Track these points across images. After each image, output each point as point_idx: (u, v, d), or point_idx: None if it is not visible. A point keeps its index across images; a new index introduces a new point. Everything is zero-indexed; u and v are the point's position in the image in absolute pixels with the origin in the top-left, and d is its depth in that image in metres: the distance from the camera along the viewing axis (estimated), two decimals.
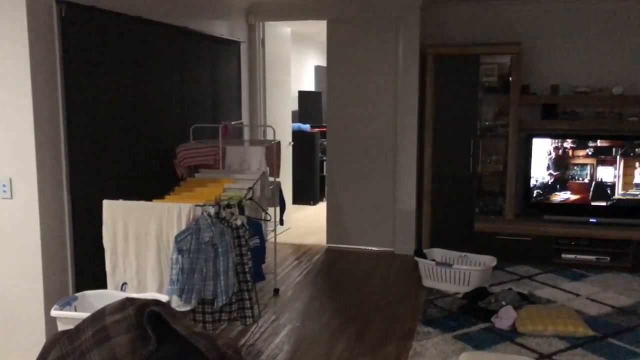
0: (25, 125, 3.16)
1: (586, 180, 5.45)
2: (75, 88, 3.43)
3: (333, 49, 5.88)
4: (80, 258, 3.52)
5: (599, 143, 5.38)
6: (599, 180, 5.42)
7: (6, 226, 3.26)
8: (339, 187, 6.01)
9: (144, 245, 3.34)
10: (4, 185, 3.22)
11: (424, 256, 4.89)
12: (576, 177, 5.46)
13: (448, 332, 3.85)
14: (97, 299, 3.02)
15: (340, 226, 6.05)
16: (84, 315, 2.50)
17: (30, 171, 3.19)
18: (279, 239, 6.13)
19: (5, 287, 3.32)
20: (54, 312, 2.79)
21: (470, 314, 4.13)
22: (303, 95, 8.77)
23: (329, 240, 6.11)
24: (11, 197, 3.23)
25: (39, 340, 3.22)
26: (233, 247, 3.38)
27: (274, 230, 4.82)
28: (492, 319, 3.98)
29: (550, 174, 5.51)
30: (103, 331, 1.24)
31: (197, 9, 4.90)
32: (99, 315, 1.36)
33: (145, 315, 1.33)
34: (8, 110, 3.17)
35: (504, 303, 4.15)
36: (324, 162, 7.22)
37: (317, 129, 8.22)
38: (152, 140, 4.26)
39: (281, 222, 4.83)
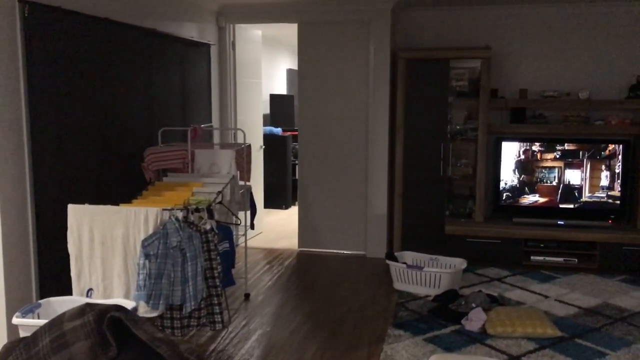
0: None
1: (554, 183, 5.53)
2: (39, 90, 3.35)
3: (304, 53, 5.87)
4: (45, 264, 3.44)
5: (566, 146, 5.47)
6: (567, 183, 5.50)
7: None
8: (310, 191, 6.00)
9: (110, 251, 3.27)
10: None
11: (395, 259, 4.90)
12: (544, 180, 5.54)
13: (419, 334, 3.85)
14: (61, 306, 2.95)
15: (312, 230, 6.04)
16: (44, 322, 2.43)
17: None
18: (250, 243, 6.08)
19: None
20: (16, 320, 2.71)
21: (440, 316, 4.15)
22: (274, 98, 8.74)
23: (300, 244, 6.09)
24: None
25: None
26: (202, 252, 3.33)
27: (245, 234, 4.77)
28: (463, 321, 4.00)
29: (519, 177, 5.58)
30: (61, 338, 1.19)
31: (166, 10, 4.84)
32: (57, 322, 1.31)
33: (106, 321, 1.29)
34: None
35: (474, 305, 4.18)
36: (296, 166, 7.20)
37: (288, 133, 8.20)
38: (120, 143, 4.19)
39: (252, 227, 4.79)
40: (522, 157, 5.52)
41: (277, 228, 7.03)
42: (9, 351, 1.20)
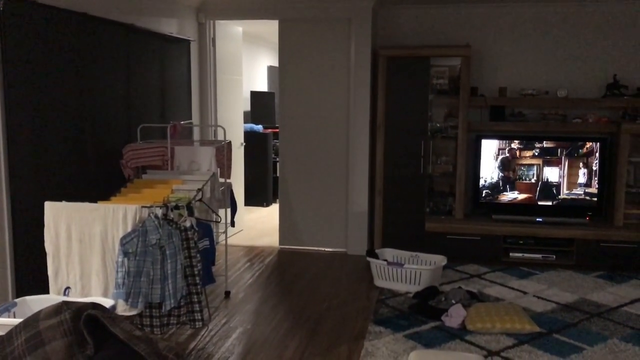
0: None
1: (533, 181, 5.58)
2: (15, 85, 3.30)
3: (285, 50, 5.86)
4: (21, 262, 3.39)
5: (544, 144, 5.53)
6: (545, 180, 5.56)
7: None
8: (291, 188, 5.98)
9: (88, 248, 3.23)
10: None
11: (375, 256, 4.91)
12: (523, 178, 5.59)
13: (399, 331, 3.87)
14: (37, 305, 2.90)
15: (292, 227, 6.03)
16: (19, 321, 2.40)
17: None
18: (231, 241, 6.05)
19: None
20: None
21: (420, 313, 4.17)
22: (255, 95, 8.70)
23: (281, 241, 6.07)
24: None
25: None
26: (181, 250, 3.31)
27: (225, 232, 4.75)
28: (442, 318, 4.02)
29: (498, 175, 5.63)
30: (37, 337, 1.17)
31: (145, 6, 4.79)
32: (32, 320, 1.28)
33: (82, 319, 1.27)
34: None
35: (453, 302, 4.20)
36: (277, 163, 7.18)
37: (269, 130, 8.17)
38: (98, 140, 4.14)
39: (232, 224, 4.77)
40: (508, 154, 5.57)
41: (257, 225, 7.00)
42: None
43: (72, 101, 3.82)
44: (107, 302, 2.81)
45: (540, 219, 5.49)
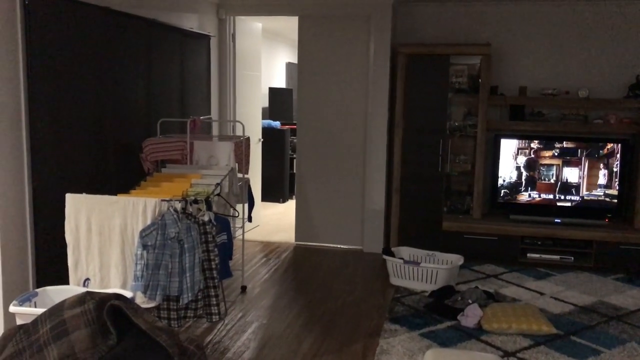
0: None
1: (552, 181, 5.54)
2: (39, 78, 3.34)
3: (304, 46, 5.86)
4: (42, 253, 3.43)
5: (564, 144, 5.48)
6: (564, 180, 5.51)
7: None
8: (308, 185, 5.99)
9: (108, 241, 3.27)
10: None
11: (392, 254, 4.91)
12: (542, 178, 5.55)
13: (414, 329, 3.86)
14: (58, 295, 2.94)
15: (309, 224, 6.04)
16: (44, 310, 2.43)
17: None
18: (247, 236, 6.08)
19: None
20: (13, 308, 2.70)
21: (436, 312, 4.16)
22: (273, 91, 8.72)
23: (297, 237, 6.09)
24: None
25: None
26: (199, 243, 3.33)
27: (242, 227, 4.77)
28: (458, 317, 4.01)
29: (517, 174, 5.59)
30: (61, 325, 1.19)
31: (167, 1, 4.82)
32: (57, 309, 1.30)
33: (106, 310, 1.29)
34: None
35: (470, 301, 4.19)
36: (294, 160, 7.20)
37: (287, 126, 8.19)
38: (118, 134, 4.18)
39: (249, 219, 4.79)
40: (533, 155, 5.51)
41: (273, 221, 7.02)
42: (8, 337, 1.19)
43: (93, 95, 3.86)
44: (126, 294, 2.84)
45: (559, 220, 5.44)
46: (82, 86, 3.74)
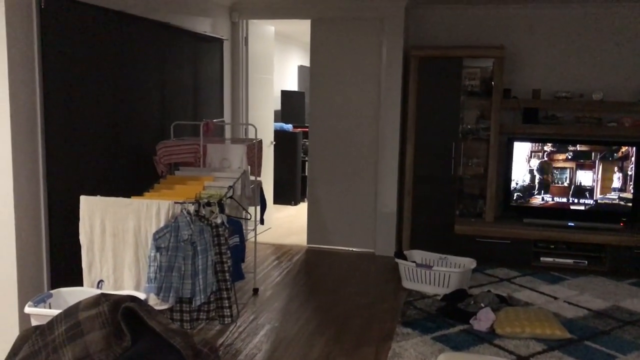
0: (2, 118, 3.09)
1: (565, 184, 5.50)
2: (54, 81, 3.37)
3: (317, 49, 5.87)
4: (56, 254, 3.46)
5: (578, 147, 5.44)
6: (578, 184, 5.47)
7: None
8: (320, 188, 6.00)
9: (122, 243, 3.29)
10: None
11: (404, 257, 4.89)
12: (556, 181, 5.51)
13: (427, 333, 3.85)
14: (72, 296, 2.97)
15: (320, 227, 6.04)
16: (59, 312, 2.45)
17: (5, 165, 3.12)
18: (259, 238, 6.10)
19: None
20: (28, 309, 2.73)
21: (449, 315, 4.14)
22: (286, 94, 8.74)
23: (309, 240, 6.09)
24: None
25: (12, 336, 3.16)
26: (212, 246, 3.34)
27: (254, 229, 4.78)
28: (471, 321, 3.99)
29: (530, 178, 5.55)
30: (77, 327, 1.19)
31: (180, 5, 4.85)
32: (72, 311, 1.31)
33: (120, 311, 1.30)
34: None
35: (482, 305, 4.17)
36: (306, 163, 7.20)
37: (299, 129, 8.20)
38: (132, 136, 4.21)
39: (262, 222, 4.80)
40: (546, 158, 5.48)
41: (285, 224, 7.03)
42: (25, 338, 1.20)
43: (107, 98, 3.89)
44: (140, 296, 2.86)
45: (573, 224, 5.40)
46: (97, 89, 3.77)
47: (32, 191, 3.28)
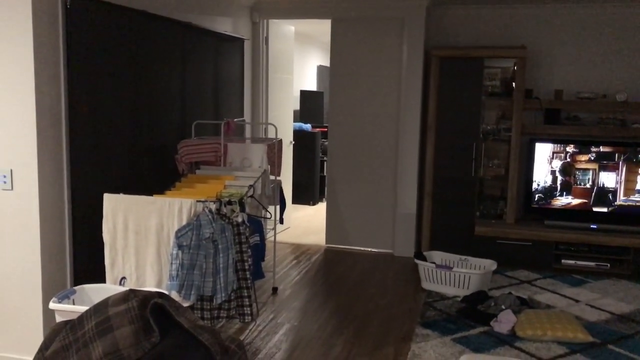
0: (27, 117, 3.13)
1: (588, 186, 5.43)
2: (78, 80, 3.41)
3: (337, 49, 5.87)
4: (79, 251, 3.50)
5: (601, 149, 5.37)
6: (601, 185, 5.41)
7: (6, 218, 3.24)
8: (339, 188, 5.99)
9: (144, 240, 3.32)
10: (4, 177, 3.20)
11: (423, 258, 4.87)
12: (578, 183, 5.45)
13: (447, 335, 3.83)
14: (95, 293, 3.00)
15: (339, 227, 6.03)
16: (83, 308, 2.48)
17: (31, 163, 3.16)
18: (279, 237, 6.11)
19: (4, 279, 3.30)
20: (53, 305, 2.77)
21: (469, 317, 4.11)
22: (305, 94, 8.75)
23: (328, 240, 6.09)
24: (11, 189, 3.20)
25: (37, 331, 3.20)
26: (233, 244, 3.36)
27: (274, 228, 4.79)
28: (491, 323, 3.96)
29: (551, 179, 5.50)
30: (106, 322, 1.21)
31: (201, 5, 4.88)
32: (102, 306, 1.33)
33: (149, 307, 1.30)
34: (10, 101, 3.15)
35: (503, 307, 4.13)
36: (324, 163, 7.20)
37: (318, 129, 8.20)
38: (154, 135, 4.24)
39: (281, 221, 4.81)
40: (569, 159, 5.42)
41: (304, 223, 7.04)
42: (56, 332, 1.22)
43: (129, 97, 3.92)
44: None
45: (595, 226, 5.33)
46: (120, 88, 3.81)
47: (57, 189, 3.32)
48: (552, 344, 3.70)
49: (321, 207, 7.75)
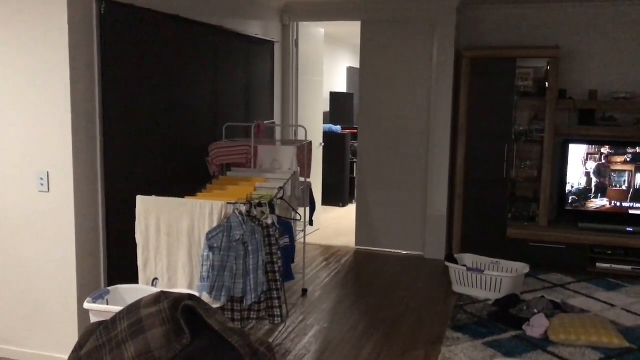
0: (63, 121, 3.21)
1: (624, 187, 5.31)
2: (112, 85, 3.47)
3: (366, 51, 5.86)
4: (113, 252, 3.56)
5: (637, 150, 5.25)
6: (637, 187, 5.28)
7: (43, 219, 3.32)
8: (369, 189, 5.98)
9: (176, 242, 3.36)
10: (41, 179, 3.28)
11: (454, 261, 4.83)
12: (613, 184, 5.34)
13: (478, 338, 3.79)
14: (128, 293, 3.05)
15: (369, 228, 6.02)
16: (117, 308, 2.52)
17: (66, 165, 3.23)
18: (308, 239, 6.12)
19: (41, 279, 3.38)
20: (87, 305, 2.82)
21: (501, 321, 4.06)
22: (334, 96, 8.76)
23: (357, 242, 6.08)
24: (48, 191, 3.28)
25: (72, 330, 3.27)
26: (263, 246, 3.38)
27: (304, 230, 4.81)
28: (524, 327, 3.90)
29: (586, 181, 5.39)
30: (138, 323, 1.23)
31: (232, 8, 4.93)
32: (134, 308, 1.35)
33: (180, 309, 1.33)
34: (47, 106, 3.22)
35: (535, 311, 4.07)
36: (354, 164, 7.20)
37: (347, 131, 8.20)
38: (185, 138, 4.29)
39: (311, 223, 4.83)
40: (604, 161, 5.32)
41: (334, 225, 7.04)
42: (90, 333, 1.25)
43: (163, 100, 3.98)
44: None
45: (631, 229, 5.21)
46: (152, 90, 3.87)
47: (91, 191, 3.39)
48: (586, 349, 3.63)
49: (351, 209, 7.74)
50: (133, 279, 3.53)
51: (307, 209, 4.76)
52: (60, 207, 3.28)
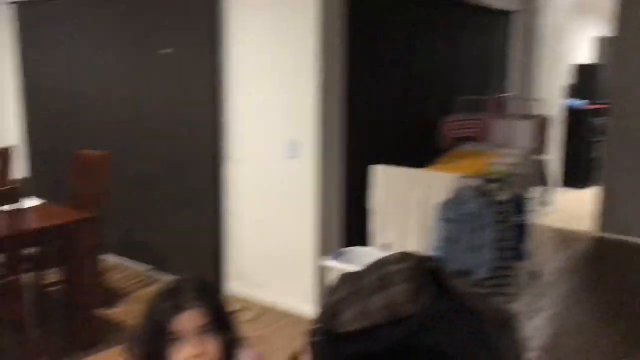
0: (310, 95, 3.47)
1: None
2: (355, 59, 3.65)
3: (626, 18, 5.22)
4: (347, 217, 3.79)
5: None
6: None
7: (292, 183, 3.66)
8: (617, 172, 5.40)
9: (408, 211, 3.46)
10: (294, 147, 3.59)
11: None
12: None
13: None
14: (362, 255, 3.24)
15: (616, 214, 5.44)
16: (355, 267, 2.70)
17: (313, 136, 3.51)
18: (542, 220, 5.80)
19: (287, 236, 3.75)
20: (328, 262, 3.06)
21: None
22: (578, 69, 8.06)
23: (600, 228, 5.57)
24: (297, 157, 3.59)
25: (308, 283, 3.60)
26: (495, 223, 3.30)
27: (538, 210, 4.57)
28: None
29: None
30: (385, 279, 1.31)
31: None
32: (381, 263, 1.44)
33: (425, 269, 1.38)
34: (297, 83, 3.51)
35: None
36: (596, 143, 6.58)
37: (592, 106, 7.50)
38: (421, 110, 4.35)
39: (546, 203, 4.57)
40: None
41: (571, 208, 6.56)
42: (342, 281, 1.37)
43: (400, 74, 4.08)
44: None
45: None
46: (391, 66, 3.98)
47: (333, 160, 3.63)
48: None
49: (589, 192, 7.12)
50: (364, 244, 3.72)
51: (543, 188, 4.51)
52: (306, 173, 3.57)
